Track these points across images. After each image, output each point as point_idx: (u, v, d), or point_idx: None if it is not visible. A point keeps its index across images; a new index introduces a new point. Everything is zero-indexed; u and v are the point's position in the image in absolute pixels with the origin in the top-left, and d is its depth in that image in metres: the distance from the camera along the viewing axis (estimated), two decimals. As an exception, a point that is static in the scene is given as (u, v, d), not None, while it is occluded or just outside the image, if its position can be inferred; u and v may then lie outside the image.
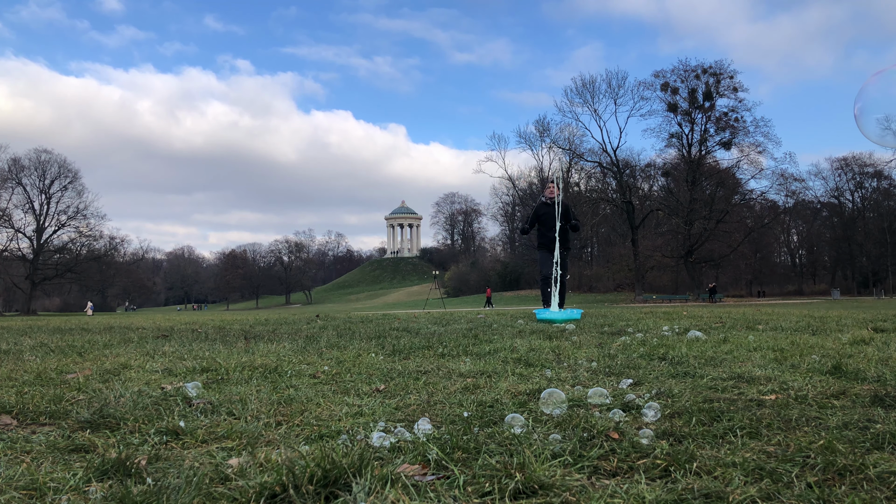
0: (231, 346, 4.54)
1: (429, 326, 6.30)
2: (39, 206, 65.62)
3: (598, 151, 57.63)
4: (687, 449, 1.60)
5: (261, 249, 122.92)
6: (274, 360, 3.53)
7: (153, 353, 4.07)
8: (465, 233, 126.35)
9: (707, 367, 3.04)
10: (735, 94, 53.29)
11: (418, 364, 3.40)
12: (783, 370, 2.88)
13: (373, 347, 4.30)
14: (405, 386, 2.70)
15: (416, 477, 1.44)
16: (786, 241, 78.68)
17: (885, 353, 3.37)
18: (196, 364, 3.42)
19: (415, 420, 2.01)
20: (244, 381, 2.87)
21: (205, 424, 1.99)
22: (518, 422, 1.90)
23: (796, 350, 3.57)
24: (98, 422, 2.03)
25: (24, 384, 2.82)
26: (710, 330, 5.09)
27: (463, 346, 4.18)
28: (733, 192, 55.86)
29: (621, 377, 2.80)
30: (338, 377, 2.99)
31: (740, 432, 1.78)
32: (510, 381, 2.75)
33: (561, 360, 3.43)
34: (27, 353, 4.29)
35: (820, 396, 2.25)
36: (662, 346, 3.86)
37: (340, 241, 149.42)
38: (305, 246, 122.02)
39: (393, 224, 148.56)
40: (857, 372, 2.70)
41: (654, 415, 1.99)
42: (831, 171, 71.43)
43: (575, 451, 1.62)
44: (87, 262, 67.98)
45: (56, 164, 65.64)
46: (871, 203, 71.25)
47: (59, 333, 6.51)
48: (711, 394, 2.35)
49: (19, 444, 1.80)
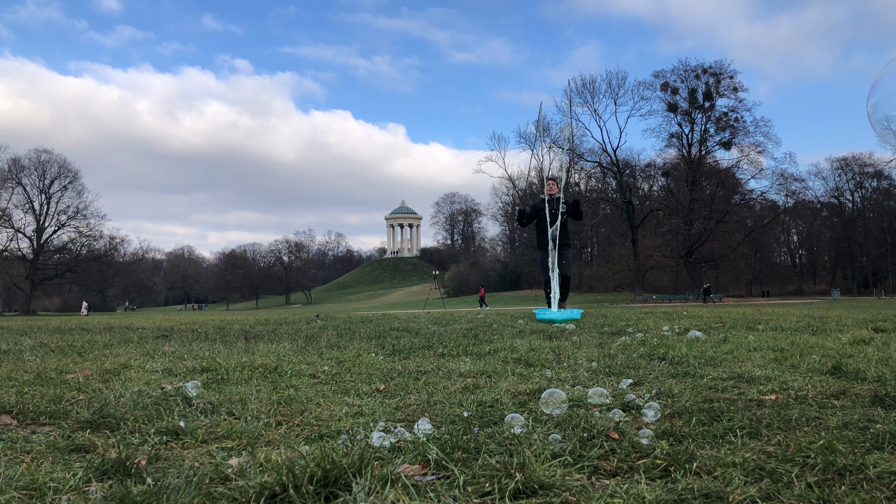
0: (231, 346, 4.54)
1: (429, 326, 6.30)
2: (39, 206, 65.67)
3: (598, 151, 57.68)
4: (687, 449, 1.60)
5: (261, 249, 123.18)
6: (274, 360, 3.53)
7: (153, 353, 4.07)
8: (465, 233, 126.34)
9: (707, 367, 3.04)
10: (735, 94, 53.35)
11: (418, 364, 3.40)
12: (783, 370, 2.88)
13: (373, 347, 4.30)
14: (405, 386, 2.70)
15: (416, 477, 1.44)
16: (786, 241, 78.68)
17: (885, 353, 3.37)
18: (196, 364, 3.42)
19: (415, 420, 2.01)
20: (244, 381, 2.87)
21: (205, 424, 1.99)
22: (518, 422, 1.90)
23: (796, 350, 3.57)
24: (98, 422, 2.03)
25: (24, 384, 2.82)
26: (710, 330, 5.09)
27: (463, 346, 4.18)
28: (733, 192, 55.87)
29: (621, 377, 2.80)
30: (338, 377, 2.99)
31: (740, 432, 1.78)
32: (510, 381, 2.75)
33: (561, 360, 3.43)
34: (27, 353, 4.29)
35: (820, 396, 2.25)
36: (662, 346, 3.86)
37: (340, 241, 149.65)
38: (305, 246, 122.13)
39: (393, 224, 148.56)
40: (857, 372, 2.70)
41: (654, 415, 1.99)
42: (831, 171, 71.50)
43: (575, 451, 1.62)
44: (87, 262, 67.96)
45: (56, 164, 65.71)
46: (871, 203, 71.24)
47: (59, 333, 6.51)
48: (711, 394, 2.35)
49: (19, 444, 1.80)
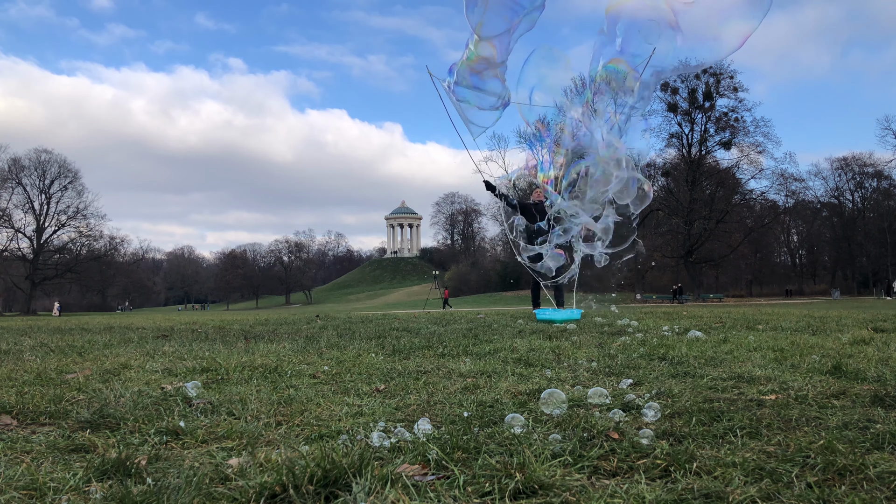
0: (231, 346, 4.54)
1: (429, 326, 6.30)
2: (39, 206, 65.71)
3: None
4: (687, 449, 1.60)
5: (261, 249, 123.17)
6: (274, 360, 3.53)
7: (153, 353, 4.07)
8: (465, 233, 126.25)
9: (707, 367, 3.04)
10: (735, 94, 53.32)
11: (418, 364, 3.39)
12: (783, 370, 2.88)
13: (373, 347, 4.30)
14: (405, 386, 2.70)
15: (416, 477, 1.44)
16: (786, 241, 78.60)
17: (885, 353, 3.37)
18: (196, 364, 3.42)
19: (415, 420, 2.00)
20: (244, 381, 2.87)
21: (205, 424, 1.99)
22: (518, 422, 1.90)
23: (796, 350, 3.57)
24: (98, 422, 2.03)
25: (24, 384, 2.82)
26: (710, 330, 5.09)
27: (463, 346, 4.18)
28: (733, 192, 55.86)
29: (621, 377, 2.80)
30: (338, 377, 2.99)
31: (740, 432, 1.78)
32: (510, 381, 2.74)
33: (561, 360, 3.42)
34: (27, 353, 4.29)
35: (820, 396, 2.25)
36: (662, 346, 3.85)
37: (340, 241, 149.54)
38: (305, 246, 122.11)
39: (393, 224, 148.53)
40: (857, 372, 2.70)
41: (654, 415, 1.99)
42: (831, 171, 71.36)
43: (575, 451, 1.62)
44: (87, 262, 68.01)
45: (56, 164, 65.77)
46: (871, 203, 71.14)
47: (59, 333, 6.51)
48: (711, 394, 2.35)
49: (19, 444, 1.80)
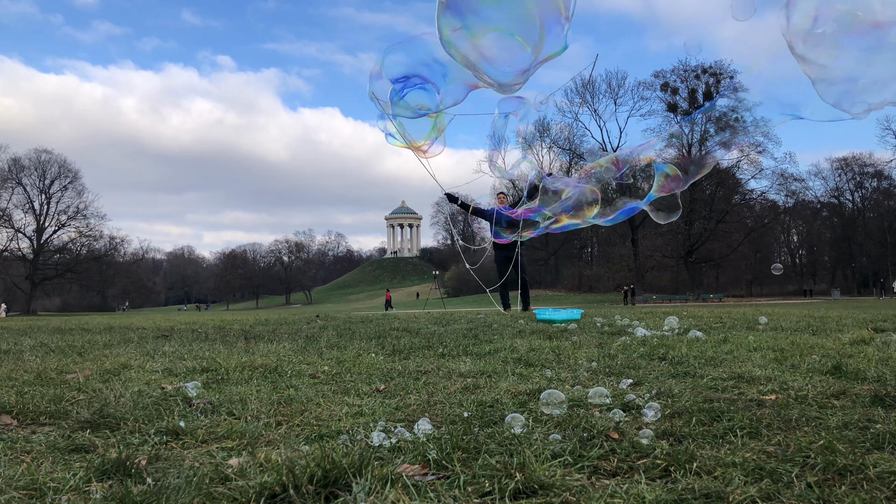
0: (231, 346, 4.54)
1: (429, 326, 6.30)
2: (39, 206, 65.80)
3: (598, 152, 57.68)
4: (687, 449, 1.60)
5: (261, 249, 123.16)
6: (274, 360, 3.53)
7: (153, 353, 4.07)
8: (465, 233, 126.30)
9: (707, 367, 3.04)
10: (735, 94, 53.27)
11: (418, 364, 3.39)
12: (783, 370, 2.88)
13: (373, 347, 4.30)
14: (405, 386, 2.70)
15: (416, 477, 1.44)
16: (786, 241, 78.63)
17: (885, 353, 3.37)
18: (196, 364, 3.42)
19: (415, 420, 2.00)
20: (244, 381, 2.87)
21: (205, 424, 1.99)
22: (518, 422, 1.90)
23: (796, 350, 3.57)
24: (98, 422, 2.03)
25: (24, 384, 2.82)
26: (710, 330, 5.09)
27: (463, 346, 4.18)
28: (733, 192, 55.95)
29: (621, 377, 2.80)
30: (338, 377, 2.99)
31: (740, 432, 1.78)
32: (510, 381, 2.74)
33: (561, 360, 3.42)
34: (27, 353, 4.29)
35: (820, 396, 2.25)
36: (662, 346, 3.85)
37: (340, 241, 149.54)
38: (305, 246, 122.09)
39: (393, 224, 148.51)
40: (857, 372, 2.70)
41: (654, 415, 1.99)
42: (831, 171, 71.34)
43: (575, 451, 1.62)
44: (87, 262, 68.09)
45: (56, 164, 65.92)
46: (871, 203, 71.15)
47: (59, 333, 6.51)
48: (711, 394, 2.35)
49: (19, 444, 1.80)
